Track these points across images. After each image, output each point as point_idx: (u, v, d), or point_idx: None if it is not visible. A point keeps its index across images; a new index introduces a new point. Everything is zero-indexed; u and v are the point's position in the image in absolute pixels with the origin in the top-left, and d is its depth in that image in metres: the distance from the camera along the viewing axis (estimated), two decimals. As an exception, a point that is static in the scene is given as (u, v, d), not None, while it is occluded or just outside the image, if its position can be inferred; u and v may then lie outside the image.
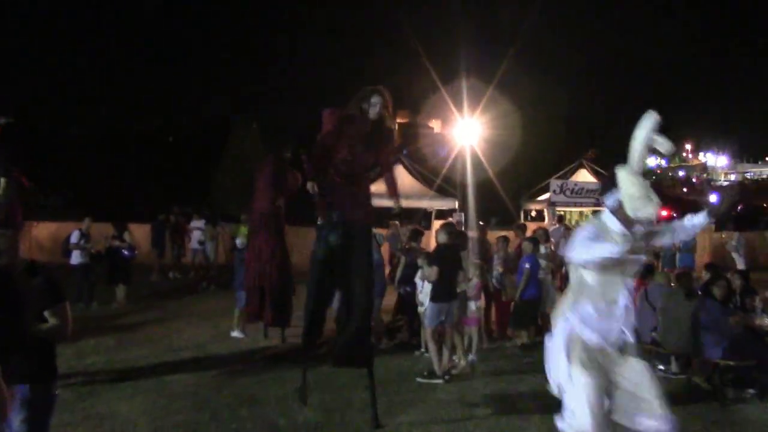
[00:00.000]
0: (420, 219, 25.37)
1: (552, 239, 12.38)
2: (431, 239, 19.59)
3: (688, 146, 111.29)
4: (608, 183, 4.48)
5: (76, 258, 13.26)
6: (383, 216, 24.83)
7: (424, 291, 8.79)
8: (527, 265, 10.18)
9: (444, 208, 22.10)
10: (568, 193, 21.55)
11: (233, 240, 17.50)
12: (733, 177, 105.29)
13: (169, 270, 18.46)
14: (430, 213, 23.42)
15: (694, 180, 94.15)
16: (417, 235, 10.69)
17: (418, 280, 9.13)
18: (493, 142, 26.54)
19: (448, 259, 8.49)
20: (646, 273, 9.24)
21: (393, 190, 7.33)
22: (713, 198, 70.82)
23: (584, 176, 23.50)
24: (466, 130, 22.79)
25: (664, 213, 28.28)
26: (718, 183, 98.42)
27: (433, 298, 8.41)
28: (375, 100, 6.52)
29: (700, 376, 8.18)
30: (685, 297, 8.02)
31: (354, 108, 6.61)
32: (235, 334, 10.75)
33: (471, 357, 8.94)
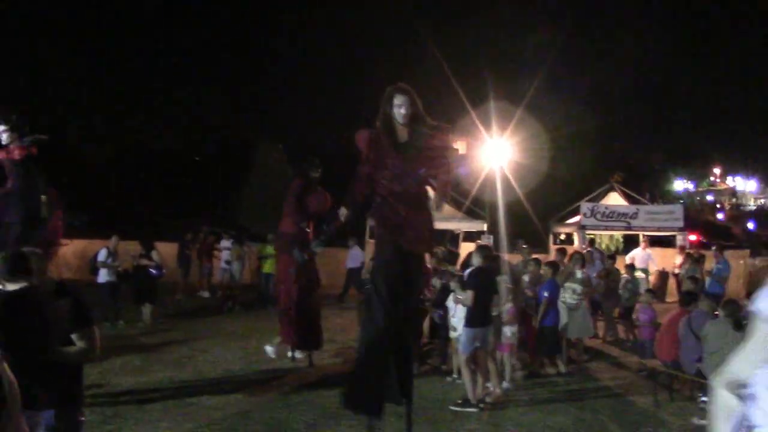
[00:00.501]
0: (447, 241, 25.13)
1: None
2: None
3: (716, 170, 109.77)
4: None
5: (103, 276, 13.18)
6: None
7: (457, 315, 8.54)
8: (546, 293, 9.92)
9: (472, 230, 21.81)
10: (598, 216, 21.20)
11: (259, 260, 17.46)
12: (762, 201, 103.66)
13: (197, 289, 18.42)
14: (458, 235, 23.15)
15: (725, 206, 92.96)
16: (451, 258, 10.40)
17: (450, 303, 8.88)
18: (521, 164, 26.27)
19: (483, 283, 8.24)
20: (689, 300, 8.92)
21: (442, 189, 5.88)
22: (750, 225, 69.75)
23: (615, 199, 23.13)
24: (495, 152, 22.57)
25: (693, 237, 27.84)
26: (748, 208, 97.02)
27: (468, 323, 8.15)
28: (399, 100, 5.55)
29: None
30: (733, 327, 7.67)
31: (380, 116, 5.68)
32: (268, 348, 10.38)
33: (505, 384, 8.65)
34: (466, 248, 19.80)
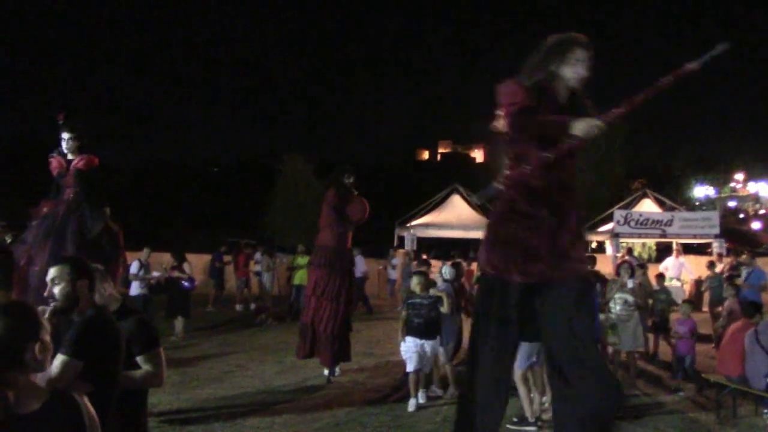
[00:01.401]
0: (471, 250, 24.79)
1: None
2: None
3: (739, 176, 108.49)
4: None
5: (135, 289, 12.94)
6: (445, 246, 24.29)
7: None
8: None
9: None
10: (632, 223, 20.73)
11: (289, 271, 17.20)
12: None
13: (234, 302, 18.27)
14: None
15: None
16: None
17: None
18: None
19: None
20: (753, 312, 8.52)
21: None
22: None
23: (648, 206, 22.70)
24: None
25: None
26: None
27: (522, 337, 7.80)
28: (579, 55, 3.91)
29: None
30: (807, 340, 7.28)
31: (542, 71, 3.92)
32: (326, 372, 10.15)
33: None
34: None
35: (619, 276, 9.82)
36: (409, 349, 8.24)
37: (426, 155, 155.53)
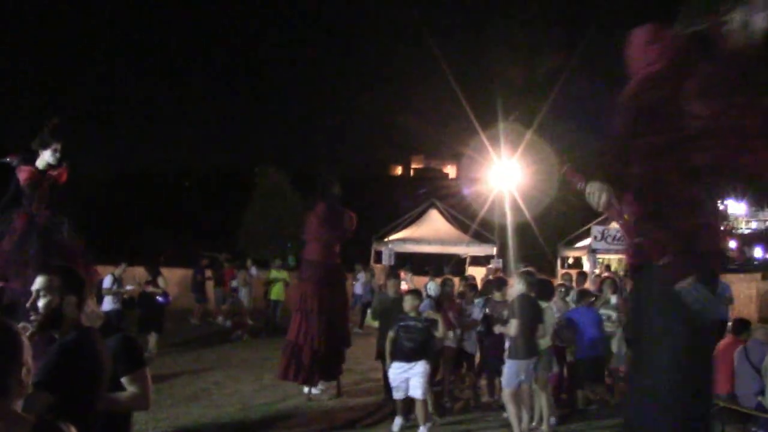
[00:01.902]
0: (451, 266, 24.65)
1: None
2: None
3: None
4: None
5: (108, 304, 12.57)
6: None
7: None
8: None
9: (480, 254, 21.34)
10: (609, 239, 20.72)
11: (265, 286, 16.86)
12: (754, 225, 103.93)
13: (214, 316, 17.91)
14: (464, 259, 22.71)
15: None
16: (501, 285, 9.74)
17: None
18: (530, 186, 25.89)
19: (527, 311, 7.72)
20: (742, 329, 8.45)
21: None
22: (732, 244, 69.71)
23: (625, 223, 22.70)
24: (505, 174, 22.18)
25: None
26: (739, 231, 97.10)
27: (512, 354, 7.64)
28: None
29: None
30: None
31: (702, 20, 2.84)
32: (314, 390, 9.83)
33: (552, 420, 8.09)
34: (473, 273, 19.33)
35: (602, 292, 9.71)
36: (397, 378, 7.77)
37: (399, 170, 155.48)
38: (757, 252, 76.66)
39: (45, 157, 6.68)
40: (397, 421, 7.85)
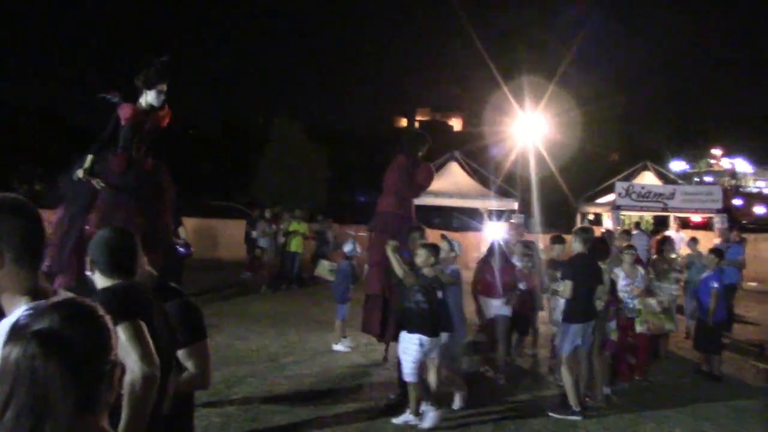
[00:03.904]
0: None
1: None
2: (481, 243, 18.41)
3: (717, 151, 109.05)
4: None
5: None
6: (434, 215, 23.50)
7: (557, 309, 7.52)
8: (716, 284, 8.81)
9: (503, 208, 20.74)
10: (634, 196, 20.08)
11: (284, 237, 16.23)
12: (762, 183, 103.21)
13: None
14: (482, 214, 22.12)
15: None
16: (557, 242, 9.13)
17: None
18: (552, 140, 25.20)
19: (583, 271, 7.19)
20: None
21: None
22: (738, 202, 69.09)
23: (650, 179, 22.09)
24: (528, 127, 21.49)
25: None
26: (747, 189, 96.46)
27: (567, 317, 7.13)
28: None
29: None
30: None
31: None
32: (338, 347, 9.64)
33: (606, 390, 7.59)
34: (492, 228, 18.78)
35: (662, 253, 9.08)
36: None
37: (404, 123, 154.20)
38: (760, 209, 76.23)
39: (149, 97, 6.14)
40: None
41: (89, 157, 6.01)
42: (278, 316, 12.03)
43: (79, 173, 5.93)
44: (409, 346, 6.33)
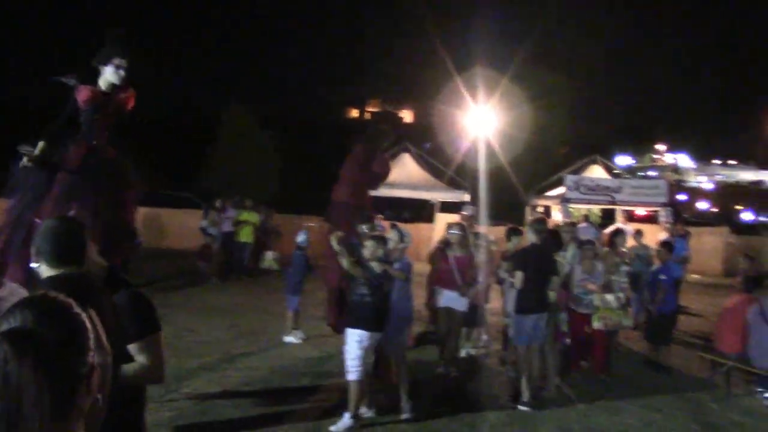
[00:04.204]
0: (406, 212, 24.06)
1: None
2: (432, 234, 18.48)
3: (660, 147, 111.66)
4: None
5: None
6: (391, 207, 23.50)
7: (509, 300, 7.54)
8: (664, 276, 8.96)
9: (454, 200, 20.82)
10: (583, 189, 20.38)
11: (234, 226, 15.96)
12: (703, 178, 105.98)
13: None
14: (433, 205, 22.18)
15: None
16: (514, 234, 9.08)
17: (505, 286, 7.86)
18: (500, 134, 25.33)
19: (535, 262, 7.20)
20: (754, 286, 8.11)
21: None
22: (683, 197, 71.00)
23: (598, 172, 22.42)
24: (480, 119, 21.57)
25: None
26: (689, 184, 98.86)
27: (520, 309, 7.15)
28: None
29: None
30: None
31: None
32: (290, 339, 9.54)
33: (556, 380, 7.65)
34: (443, 219, 18.81)
35: (614, 246, 9.15)
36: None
37: (355, 114, 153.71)
38: (702, 205, 78.26)
39: (107, 75, 5.57)
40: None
41: (40, 144, 5.47)
42: (229, 307, 11.86)
43: (25, 161, 5.44)
44: (350, 342, 6.12)
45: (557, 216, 21.45)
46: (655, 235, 16.41)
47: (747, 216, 47.90)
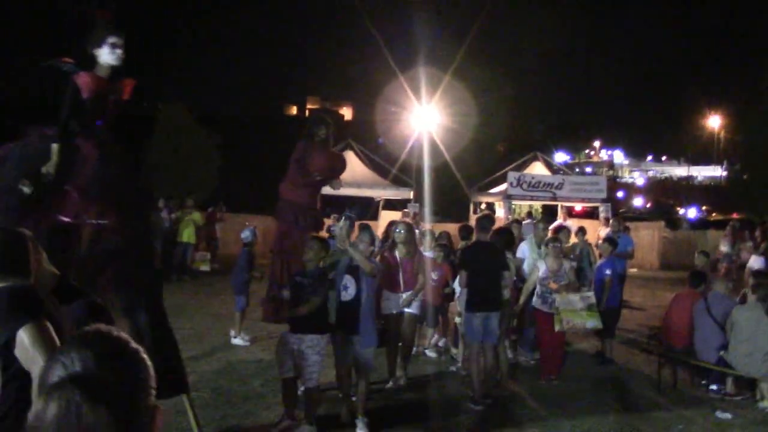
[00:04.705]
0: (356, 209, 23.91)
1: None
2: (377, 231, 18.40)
3: (596, 143, 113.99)
4: None
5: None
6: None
7: (460, 298, 7.50)
8: (608, 271, 8.94)
9: (398, 197, 20.83)
10: (525, 186, 20.61)
11: (175, 226, 15.65)
12: (637, 174, 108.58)
13: None
14: (378, 203, 22.15)
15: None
16: (468, 233, 9.02)
17: (456, 285, 7.81)
18: (442, 131, 25.49)
19: (480, 259, 7.17)
20: (698, 281, 8.27)
21: None
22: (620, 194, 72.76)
23: (539, 169, 22.73)
24: (423, 117, 21.64)
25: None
26: (623, 180, 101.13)
27: (468, 307, 7.10)
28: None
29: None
30: (766, 313, 7.03)
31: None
32: (237, 341, 9.37)
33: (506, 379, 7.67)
34: (387, 217, 18.80)
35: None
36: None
37: (294, 111, 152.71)
38: (638, 201, 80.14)
39: (104, 57, 4.84)
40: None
41: (55, 148, 4.64)
42: (173, 309, 11.39)
43: (50, 169, 4.61)
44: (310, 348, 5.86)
45: (500, 212, 21.70)
46: (595, 231, 16.76)
47: (691, 213, 48.74)
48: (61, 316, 2.73)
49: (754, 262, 13.23)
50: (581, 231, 13.11)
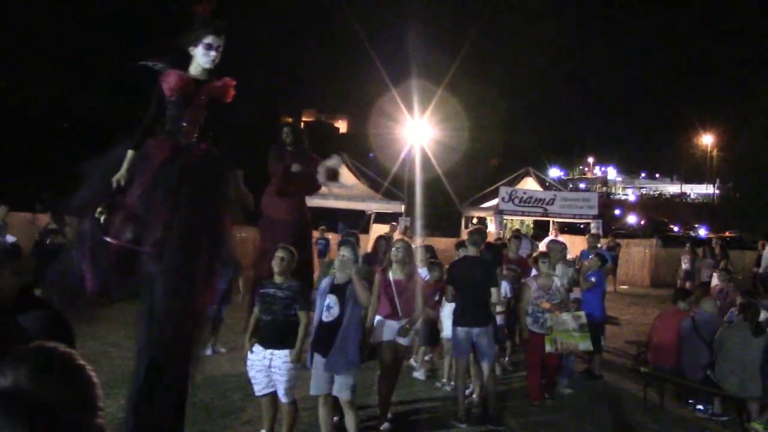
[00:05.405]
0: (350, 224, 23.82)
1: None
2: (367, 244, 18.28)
3: (589, 160, 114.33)
4: None
5: (-14, 254, 11.09)
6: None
7: (444, 313, 7.43)
8: (594, 279, 9.04)
9: (389, 211, 20.77)
10: (516, 201, 20.63)
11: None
12: (629, 191, 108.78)
13: None
14: (369, 216, 22.07)
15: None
16: (462, 246, 8.82)
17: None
18: (441, 144, 25.48)
19: (467, 274, 7.07)
20: (683, 297, 8.23)
21: None
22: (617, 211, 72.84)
23: (531, 185, 22.72)
24: (416, 131, 21.62)
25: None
26: (617, 196, 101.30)
27: (454, 322, 7.02)
28: None
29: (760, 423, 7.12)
30: (753, 333, 6.95)
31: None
32: (221, 349, 9.52)
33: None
34: (378, 230, 18.71)
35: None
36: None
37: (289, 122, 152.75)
38: (631, 218, 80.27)
39: (197, 58, 4.44)
40: None
41: (129, 155, 4.27)
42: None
43: (120, 178, 4.20)
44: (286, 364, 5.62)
45: (491, 227, 21.65)
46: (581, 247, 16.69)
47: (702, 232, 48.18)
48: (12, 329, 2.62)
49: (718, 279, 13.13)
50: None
